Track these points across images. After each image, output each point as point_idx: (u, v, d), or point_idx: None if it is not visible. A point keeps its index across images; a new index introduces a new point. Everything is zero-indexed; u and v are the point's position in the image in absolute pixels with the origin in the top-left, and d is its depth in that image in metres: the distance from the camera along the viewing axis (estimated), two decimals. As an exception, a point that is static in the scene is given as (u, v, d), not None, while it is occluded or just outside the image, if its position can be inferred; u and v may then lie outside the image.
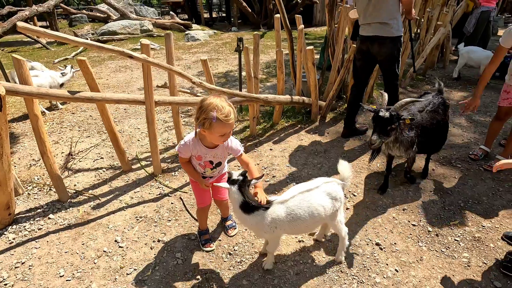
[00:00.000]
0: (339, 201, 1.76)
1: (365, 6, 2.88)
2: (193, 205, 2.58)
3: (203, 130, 1.57)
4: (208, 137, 1.64)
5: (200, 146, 1.74)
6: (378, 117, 2.13)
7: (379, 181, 2.79)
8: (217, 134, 1.57)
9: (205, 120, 1.51)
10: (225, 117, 1.51)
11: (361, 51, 3.18)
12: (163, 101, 2.74)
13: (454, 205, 2.48)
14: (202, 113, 1.52)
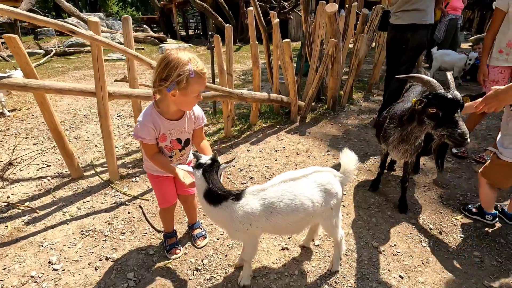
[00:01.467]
0: (335, 197, 1.39)
1: None
2: (154, 213, 2.14)
3: (176, 92, 1.26)
4: (178, 102, 1.33)
5: (163, 120, 1.39)
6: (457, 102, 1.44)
7: (368, 178, 2.50)
8: (193, 94, 1.30)
9: (179, 77, 1.22)
10: (201, 70, 1.28)
11: (393, 39, 3.15)
12: (120, 93, 2.34)
13: (453, 199, 2.22)
14: (174, 70, 1.21)
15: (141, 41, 12.71)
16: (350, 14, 4.39)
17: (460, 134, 1.37)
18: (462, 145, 1.42)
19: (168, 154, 1.51)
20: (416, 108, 1.54)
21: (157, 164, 1.45)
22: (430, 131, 1.55)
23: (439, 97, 1.42)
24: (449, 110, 1.41)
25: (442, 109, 1.42)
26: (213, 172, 1.32)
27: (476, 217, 1.98)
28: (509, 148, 1.69)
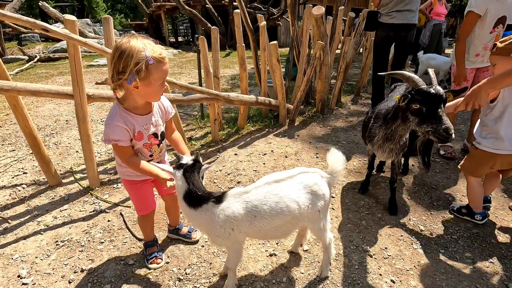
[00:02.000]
0: (322, 198, 1.33)
1: None
2: (136, 221, 2.03)
3: (137, 83, 1.15)
4: (143, 94, 1.22)
5: (133, 116, 1.28)
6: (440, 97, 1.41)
7: (357, 179, 2.46)
8: (157, 82, 1.19)
9: (137, 65, 1.11)
10: (160, 55, 1.16)
11: (387, 38, 3.25)
12: (100, 95, 2.24)
13: (443, 199, 2.19)
14: (130, 59, 1.10)
15: (129, 47, 12.57)
16: (337, 18, 4.42)
17: (444, 129, 1.34)
18: (447, 141, 1.38)
19: (148, 154, 1.42)
20: (400, 105, 1.51)
21: (135, 167, 1.32)
22: (414, 128, 1.51)
23: (422, 92, 1.39)
24: (432, 105, 1.38)
25: (426, 105, 1.39)
26: (194, 172, 1.27)
27: (466, 217, 1.95)
28: (487, 138, 1.72)
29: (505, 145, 1.66)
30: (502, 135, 1.66)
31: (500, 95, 1.65)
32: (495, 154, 1.70)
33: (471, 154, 1.85)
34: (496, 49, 1.63)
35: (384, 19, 3.22)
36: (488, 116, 1.72)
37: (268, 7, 13.37)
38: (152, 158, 1.45)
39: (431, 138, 1.44)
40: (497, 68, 1.65)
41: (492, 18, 2.46)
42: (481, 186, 1.89)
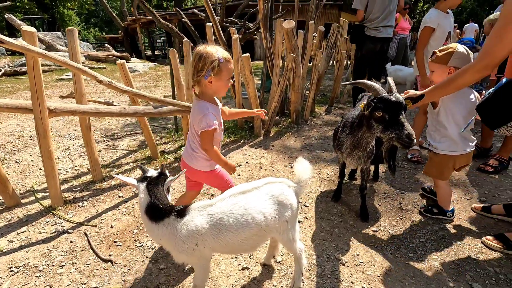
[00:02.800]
0: (290, 208, 1.31)
1: (387, 11, 3.36)
2: (102, 240, 1.92)
3: (211, 78, 1.44)
4: (215, 88, 1.50)
5: (211, 105, 1.53)
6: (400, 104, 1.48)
7: (330, 188, 2.49)
8: (226, 77, 1.48)
9: (212, 64, 1.41)
10: (227, 56, 1.46)
11: (373, 50, 3.51)
12: (63, 109, 2.15)
13: (411, 204, 2.26)
14: (207, 59, 1.41)
15: (103, 60, 12.30)
16: (308, 32, 4.57)
17: (407, 135, 1.40)
18: (410, 146, 1.44)
19: (220, 139, 1.68)
20: (364, 113, 1.56)
21: (215, 153, 1.55)
22: (379, 135, 1.57)
23: (383, 100, 1.45)
24: (394, 112, 1.44)
25: (388, 112, 1.45)
26: (158, 185, 1.24)
27: (438, 216, 2.03)
28: (442, 142, 1.83)
29: (459, 146, 1.80)
30: (454, 137, 1.78)
31: (440, 102, 1.76)
32: (453, 155, 1.82)
33: (432, 160, 1.94)
34: (436, 57, 1.76)
35: (372, 33, 3.50)
36: (437, 122, 1.84)
37: (245, 21, 13.65)
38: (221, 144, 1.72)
39: (395, 144, 1.49)
40: (435, 74, 1.78)
41: (442, 31, 2.78)
42: (449, 186, 2.01)
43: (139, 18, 15.85)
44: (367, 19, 3.48)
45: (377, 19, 3.41)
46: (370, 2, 3.39)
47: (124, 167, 2.99)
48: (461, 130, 1.76)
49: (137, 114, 2.58)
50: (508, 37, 1.31)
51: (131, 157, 3.22)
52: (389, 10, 3.40)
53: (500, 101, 1.50)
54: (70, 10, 27.32)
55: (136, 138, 3.82)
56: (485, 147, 2.94)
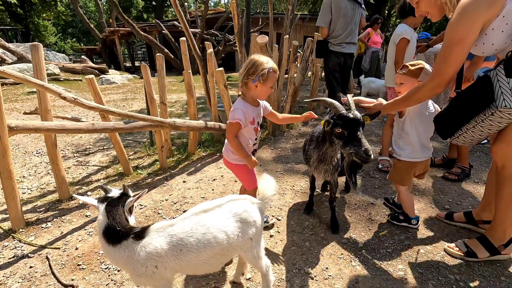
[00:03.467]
0: (253, 226, 1.32)
1: (350, 29, 3.62)
2: (64, 264, 1.83)
3: (258, 83, 1.66)
4: (258, 92, 1.71)
5: (248, 106, 1.75)
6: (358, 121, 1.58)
7: (303, 200, 2.52)
8: (269, 85, 1.69)
9: (262, 71, 1.62)
10: (275, 68, 1.67)
11: (339, 64, 3.78)
12: (24, 126, 2.07)
13: (380, 214, 2.32)
14: (258, 67, 1.63)
15: (79, 72, 12.01)
16: (283, 46, 4.69)
17: (364, 151, 1.45)
18: (367, 161, 1.50)
19: (254, 137, 1.85)
20: (325, 130, 1.61)
21: (235, 144, 1.75)
22: (340, 150, 1.62)
23: (342, 117, 1.51)
24: (352, 129, 1.49)
25: (346, 128, 1.50)
26: (118, 206, 1.21)
27: (404, 223, 2.10)
28: (404, 150, 1.93)
29: (419, 154, 1.90)
30: (415, 145, 1.89)
31: (406, 112, 1.86)
32: (414, 162, 1.92)
33: (396, 166, 2.03)
34: (408, 71, 1.86)
35: (336, 48, 3.70)
36: (401, 129, 1.94)
37: (225, 33, 13.82)
38: (255, 143, 1.89)
39: (354, 159, 1.54)
40: (404, 86, 1.87)
41: (413, 45, 2.91)
42: (410, 193, 2.10)
43: (118, 29, 15.69)
44: (330, 36, 3.68)
45: (340, 36, 3.61)
46: (333, 21, 3.58)
47: (94, 184, 2.89)
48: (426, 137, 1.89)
49: (106, 130, 2.53)
50: (452, 58, 1.42)
51: (103, 174, 3.13)
52: (351, 29, 3.62)
53: (448, 114, 1.61)
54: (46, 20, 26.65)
55: (109, 153, 3.72)
56: (451, 158, 3.08)
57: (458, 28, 1.38)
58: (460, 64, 1.46)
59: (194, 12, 16.31)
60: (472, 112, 1.48)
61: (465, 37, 1.38)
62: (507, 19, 1.32)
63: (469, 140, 1.60)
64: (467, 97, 1.51)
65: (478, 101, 1.44)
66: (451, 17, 1.45)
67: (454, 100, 1.60)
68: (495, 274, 1.68)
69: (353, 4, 3.55)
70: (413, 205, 2.08)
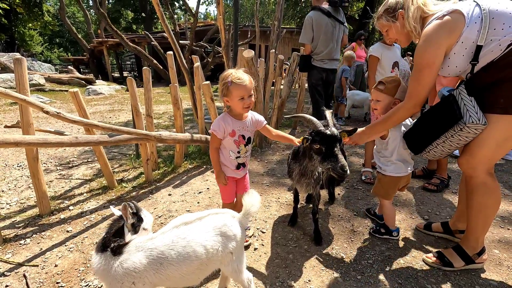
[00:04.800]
0: (234, 240, 1.33)
1: (331, 46, 3.75)
2: (43, 282, 1.78)
3: (226, 99, 1.71)
4: (232, 106, 1.75)
5: (231, 118, 1.79)
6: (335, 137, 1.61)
7: (288, 212, 2.54)
8: (236, 98, 1.67)
9: (223, 86, 1.67)
10: (238, 79, 1.64)
11: (321, 79, 3.90)
12: (4, 140, 2.03)
13: (363, 226, 2.37)
14: (221, 82, 1.68)
15: (66, 83, 11.86)
16: (269, 59, 4.81)
17: (340, 167, 1.51)
18: (343, 177, 1.56)
19: (236, 150, 1.85)
20: (304, 145, 1.66)
21: (212, 156, 1.86)
22: (319, 165, 1.67)
23: (320, 133, 1.57)
24: (329, 145, 1.55)
25: (324, 145, 1.56)
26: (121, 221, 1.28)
27: (386, 236, 2.14)
28: (388, 165, 2.00)
29: (403, 169, 1.97)
30: (399, 162, 1.96)
31: (390, 133, 1.93)
32: (399, 177, 1.98)
33: (381, 181, 2.08)
34: (385, 88, 1.93)
35: (318, 64, 3.84)
36: (385, 150, 2.00)
37: (214, 45, 14.00)
38: (240, 156, 1.87)
39: (331, 174, 1.59)
40: (382, 104, 1.94)
41: (387, 60, 3.04)
42: (393, 206, 2.15)
43: (106, 40, 15.65)
44: (313, 52, 3.82)
45: (321, 52, 3.77)
46: (315, 38, 3.73)
47: (77, 198, 2.84)
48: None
49: (90, 143, 2.51)
50: (424, 80, 1.53)
51: (86, 187, 3.08)
52: (332, 46, 3.77)
53: (418, 130, 1.71)
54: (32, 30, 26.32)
55: (94, 166, 3.67)
56: (431, 169, 3.19)
57: (425, 54, 1.51)
58: (431, 85, 1.58)
59: (184, 24, 16.49)
60: (442, 129, 1.57)
61: (432, 61, 1.51)
62: (465, 45, 1.46)
63: (439, 154, 1.69)
64: (436, 115, 1.60)
65: (447, 119, 1.53)
66: (418, 43, 1.57)
67: (422, 117, 1.70)
68: (470, 283, 1.74)
69: (334, 22, 3.70)
70: (394, 217, 2.14)
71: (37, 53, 33.78)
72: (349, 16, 14.95)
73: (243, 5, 32.05)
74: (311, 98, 4.10)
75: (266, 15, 22.54)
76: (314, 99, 4.03)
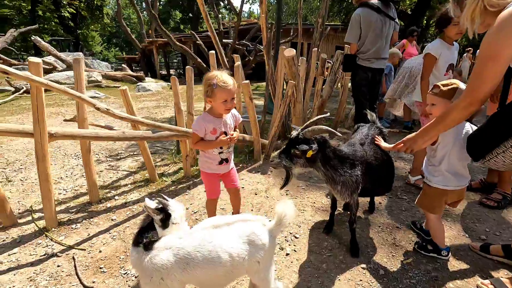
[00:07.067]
0: (262, 249, 1.28)
1: (380, 44, 3.48)
2: (88, 266, 1.93)
3: (209, 99, 1.76)
4: (214, 106, 1.81)
5: (210, 117, 1.86)
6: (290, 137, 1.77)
7: (324, 218, 2.44)
8: (220, 101, 1.73)
9: (208, 88, 1.72)
10: (223, 83, 1.68)
11: (366, 79, 3.64)
12: (63, 133, 2.24)
13: (405, 240, 2.17)
14: (206, 83, 1.72)
15: (119, 80, 12.85)
16: (311, 58, 4.67)
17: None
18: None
19: (218, 148, 1.92)
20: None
21: (200, 146, 1.90)
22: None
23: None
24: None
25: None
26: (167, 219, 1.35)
27: (433, 254, 1.95)
28: (436, 176, 1.80)
29: (452, 181, 1.77)
30: (448, 173, 1.76)
31: (440, 139, 1.73)
32: (446, 190, 1.78)
33: (425, 192, 1.90)
34: (440, 91, 1.74)
35: (364, 63, 3.60)
36: (433, 157, 1.81)
37: (256, 44, 14.07)
38: (222, 151, 1.94)
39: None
40: (437, 108, 1.75)
41: (444, 62, 2.73)
42: (441, 221, 1.94)
43: (156, 40, 16.61)
44: (359, 51, 3.57)
45: (368, 51, 3.50)
46: (362, 36, 3.48)
47: (122, 188, 3.04)
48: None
49: (135, 138, 2.66)
50: (486, 74, 1.31)
51: (130, 179, 3.28)
52: (381, 44, 3.50)
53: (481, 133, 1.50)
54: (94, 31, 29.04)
55: (138, 159, 3.90)
56: (490, 182, 2.83)
57: (492, 43, 1.28)
58: (495, 81, 1.33)
59: (228, 23, 16.84)
60: (503, 136, 1.35)
61: (498, 53, 1.27)
62: None
63: (501, 164, 1.45)
64: (501, 118, 1.38)
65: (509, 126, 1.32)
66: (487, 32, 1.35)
67: (489, 119, 1.48)
68: (538, 320, 1.49)
69: (384, 18, 3.44)
70: (443, 234, 1.92)
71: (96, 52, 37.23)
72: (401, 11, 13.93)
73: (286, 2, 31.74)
74: (354, 100, 3.88)
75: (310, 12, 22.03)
76: (357, 101, 3.81)
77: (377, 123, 2.41)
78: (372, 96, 3.84)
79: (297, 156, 1.70)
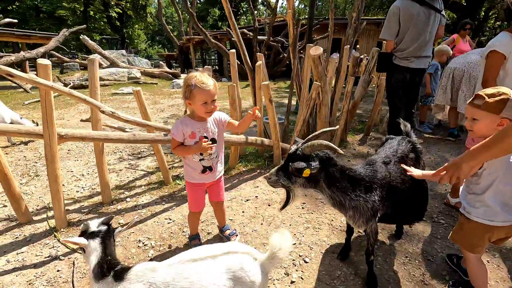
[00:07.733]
0: (250, 287, 1.10)
1: (421, 41, 3.06)
2: (85, 273, 1.89)
3: (188, 101, 1.67)
4: (194, 109, 1.71)
5: (190, 120, 1.76)
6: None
7: (340, 241, 2.15)
8: (199, 102, 1.63)
9: (186, 89, 1.63)
10: (202, 84, 1.59)
11: (403, 80, 3.24)
12: (72, 135, 2.23)
13: (438, 277, 1.81)
14: (184, 85, 1.64)
15: (157, 76, 13.34)
16: (343, 56, 4.28)
17: None
18: None
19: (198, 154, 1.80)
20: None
21: (179, 152, 1.78)
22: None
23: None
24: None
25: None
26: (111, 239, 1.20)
27: None
28: (477, 208, 1.44)
29: (499, 216, 1.39)
30: (494, 205, 1.39)
31: (486, 164, 1.36)
32: (491, 226, 1.41)
33: (463, 226, 1.53)
34: (484, 103, 1.36)
35: (402, 62, 3.19)
36: (475, 183, 1.45)
37: (291, 40, 13.70)
38: (203, 158, 1.82)
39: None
40: (480, 124, 1.38)
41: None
42: (482, 263, 1.56)
43: (193, 37, 16.98)
44: (396, 49, 3.14)
45: (408, 48, 3.07)
46: (401, 31, 3.04)
47: (136, 190, 3.03)
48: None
49: (146, 141, 2.60)
50: None
51: (146, 179, 3.26)
52: (423, 40, 3.03)
53: None
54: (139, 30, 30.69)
55: (158, 158, 3.90)
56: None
57: None
58: None
59: (264, 19, 16.62)
60: None
61: None
62: None
63: None
64: None
65: None
66: None
67: None
68: None
69: (429, 10, 2.97)
70: (486, 278, 1.55)
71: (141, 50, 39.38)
72: (453, 2, 12.51)
73: (324, -4, 30.52)
74: (389, 103, 3.46)
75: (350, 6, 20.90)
76: (391, 105, 3.39)
77: (412, 135, 2.03)
78: (410, 100, 3.39)
79: (295, 174, 1.45)
